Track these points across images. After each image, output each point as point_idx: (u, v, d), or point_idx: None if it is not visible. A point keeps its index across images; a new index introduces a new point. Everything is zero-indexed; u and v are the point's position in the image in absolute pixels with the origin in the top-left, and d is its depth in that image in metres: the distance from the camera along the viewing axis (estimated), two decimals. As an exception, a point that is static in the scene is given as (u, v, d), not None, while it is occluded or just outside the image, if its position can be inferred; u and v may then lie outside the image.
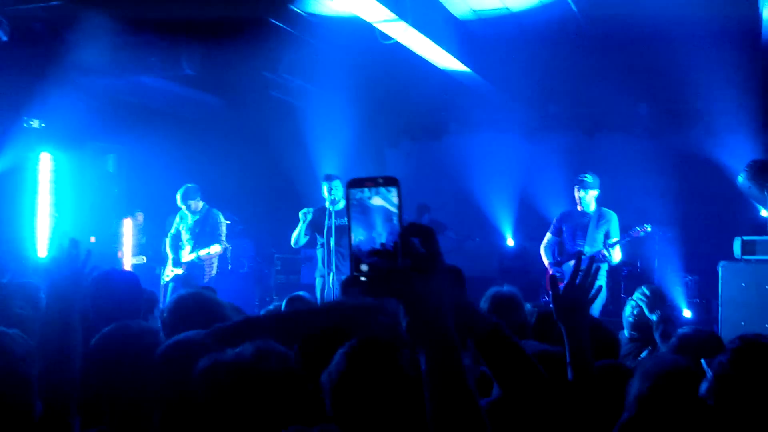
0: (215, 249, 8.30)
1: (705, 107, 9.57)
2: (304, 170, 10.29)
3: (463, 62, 8.84)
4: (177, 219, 8.56)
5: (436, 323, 1.41)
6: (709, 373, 2.17)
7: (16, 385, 2.18)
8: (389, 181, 1.44)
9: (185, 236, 8.40)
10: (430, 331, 1.41)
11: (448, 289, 1.44)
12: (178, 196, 8.34)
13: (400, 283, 1.39)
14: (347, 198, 1.44)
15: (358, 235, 1.43)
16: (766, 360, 2.14)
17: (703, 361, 2.23)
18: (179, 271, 8.36)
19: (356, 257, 1.42)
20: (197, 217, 8.41)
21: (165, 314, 3.21)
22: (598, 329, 3.72)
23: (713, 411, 1.95)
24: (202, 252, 8.23)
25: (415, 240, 1.41)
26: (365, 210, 1.44)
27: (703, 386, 2.22)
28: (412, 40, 7.89)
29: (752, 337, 2.24)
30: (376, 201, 1.44)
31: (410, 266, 1.39)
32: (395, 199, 1.43)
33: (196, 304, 3.09)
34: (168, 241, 8.56)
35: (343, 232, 7.69)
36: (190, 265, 8.33)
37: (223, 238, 8.45)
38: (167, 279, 8.41)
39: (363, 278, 1.42)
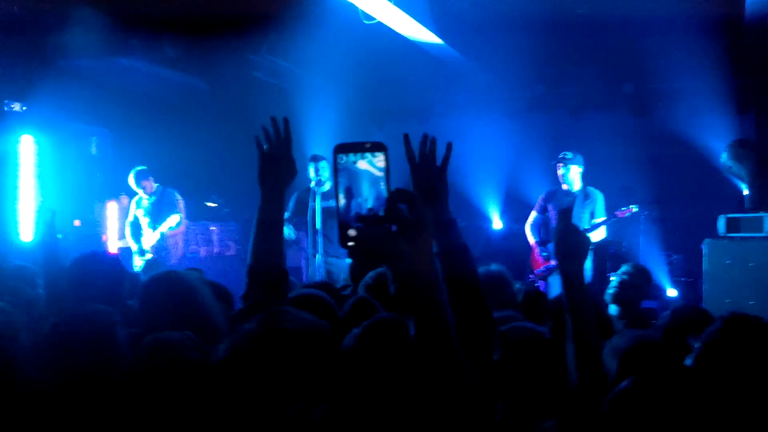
0: (174, 219, 8.19)
1: (688, 87, 9.60)
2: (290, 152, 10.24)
3: (447, 43, 8.81)
4: (132, 206, 8.48)
5: (425, 288, 1.40)
6: (695, 346, 2.19)
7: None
8: (376, 146, 1.42)
9: (144, 221, 8.34)
10: (418, 297, 1.40)
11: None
12: (132, 180, 8.29)
13: (387, 248, 1.37)
14: (334, 162, 1.42)
15: (344, 200, 1.41)
16: (754, 331, 2.17)
17: (688, 337, 2.25)
18: (142, 261, 8.22)
19: (343, 223, 1.40)
20: (153, 198, 8.36)
21: (137, 299, 3.21)
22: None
23: (696, 377, 1.96)
24: (164, 227, 8.13)
25: (402, 206, 1.39)
26: (352, 175, 1.42)
27: (688, 361, 2.24)
28: (395, 20, 7.85)
29: (741, 312, 2.27)
30: (362, 165, 1.42)
31: (396, 231, 1.37)
32: (382, 164, 1.41)
33: (168, 288, 3.05)
34: (128, 230, 8.46)
35: (330, 214, 7.66)
36: (156, 249, 8.24)
37: (182, 215, 8.37)
38: (137, 268, 8.28)
39: (350, 243, 1.39)
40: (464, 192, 10.76)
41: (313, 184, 7.79)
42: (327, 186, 7.72)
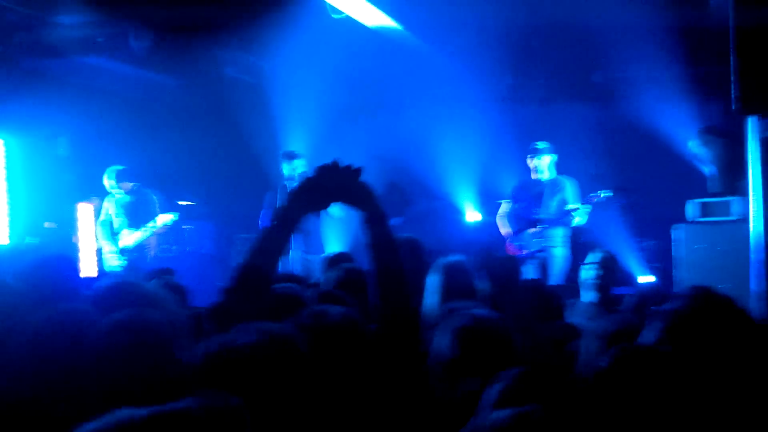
0: (164, 218, 8.16)
1: (656, 75, 9.69)
2: (262, 148, 10.20)
3: (416, 35, 8.84)
4: (105, 204, 8.39)
5: None
6: (653, 322, 2.23)
7: None
8: None
9: (117, 221, 8.25)
10: None
11: None
12: (112, 180, 8.21)
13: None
14: None
15: None
16: (718, 301, 2.21)
17: (647, 311, 2.29)
18: (121, 261, 8.14)
19: None
20: (129, 198, 8.29)
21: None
22: (539, 289, 3.83)
23: (670, 356, 2.00)
24: (159, 220, 8.07)
25: None
26: None
27: (647, 335, 2.27)
28: (363, 13, 7.85)
29: (703, 286, 2.32)
30: None
31: None
32: None
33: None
34: (101, 230, 8.36)
35: None
36: (138, 248, 8.17)
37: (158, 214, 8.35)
38: (113, 267, 8.18)
39: None
40: (437, 184, 10.79)
41: (286, 181, 7.81)
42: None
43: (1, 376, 2.47)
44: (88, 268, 8.69)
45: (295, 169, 7.82)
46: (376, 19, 8.10)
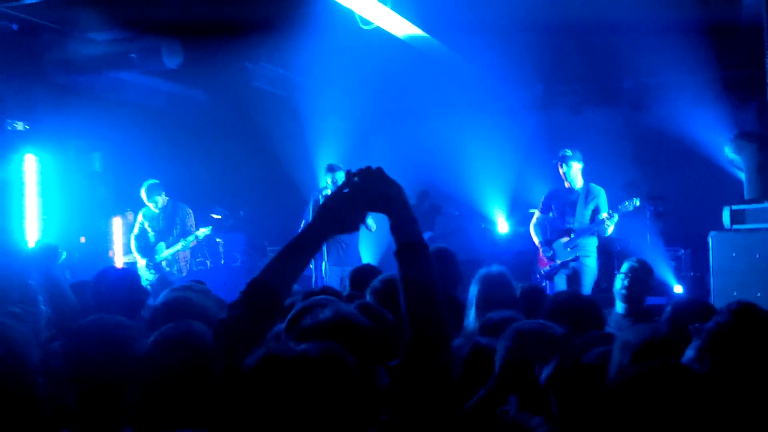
0: (201, 231, 8.25)
1: (688, 80, 9.57)
2: (292, 160, 10.26)
3: (445, 45, 8.81)
4: (140, 218, 8.46)
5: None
6: (696, 339, 2.18)
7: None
8: None
9: (151, 234, 8.32)
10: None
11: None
12: (144, 194, 8.29)
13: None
14: None
15: None
16: (761, 322, 2.15)
17: (690, 327, 2.24)
18: (151, 275, 8.22)
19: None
20: (165, 212, 8.35)
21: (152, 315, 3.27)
22: (579, 300, 3.77)
23: (702, 377, 1.95)
24: (189, 238, 8.15)
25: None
26: None
27: (689, 353, 2.22)
28: (392, 24, 7.85)
29: (746, 303, 2.25)
30: None
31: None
32: None
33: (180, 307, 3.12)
34: (134, 242, 8.44)
35: None
36: (169, 263, 8.24)
37: (194, 229, 8.41)
38: (145, 282, 8.23)
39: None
40: (467, 194, 10.74)
41: (329, 191, 7.87)
42: None
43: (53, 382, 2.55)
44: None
45: (336, 182, 7.93)
46: (406, 29, 8.09)
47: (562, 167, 7.60)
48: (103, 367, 2.53)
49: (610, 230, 7.39)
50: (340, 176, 7.92)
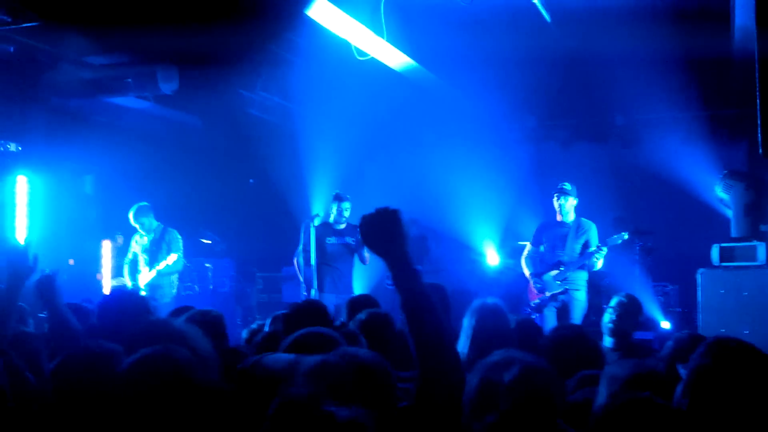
0: (172, 258, 8.17)
1: (678, 117, 9.67)
2: (285, 187, 10.27)
3: (439, 77, 8.90)
4: (132, 244, 8.44)
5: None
6: (683, 375, 2.19)
7: None
8: None
9: (141, 258, 8.29)
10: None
11: None
12: (131, 217, 8.27)
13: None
14: None
15: None
16: (741, 354, 2.16)
17: (678, 365, 2.25)
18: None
19: None
20: (152, 236, 8.33)
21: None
22: (581, 339, 3.76)
23: (685, 413, 1.96)
24: (161, 265, 8.10)
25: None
26: None
27: (678, 389, 2.23)
28: (388, 55, 7.93)
29: (727, 337, 2.27)
30: None
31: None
32: None
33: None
34: (126, 267, 8.41)
35: (345, 250, 7.86)
36: (150, 287, 8.19)
37: (181, 254, 8.35)
38: None
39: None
40: (457, 225, 10.76)
41: (331, 219, 8.00)
42: (344, 224, 7.93)
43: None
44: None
45: (341, 212, 8.01)
46: (400, 60, 8.17)
47: (559, 199, 7.63)
48: (88, 396, 2.53)
49: (599, 264, 7.41)
50: (346, 206, 8.03)
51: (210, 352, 2.83)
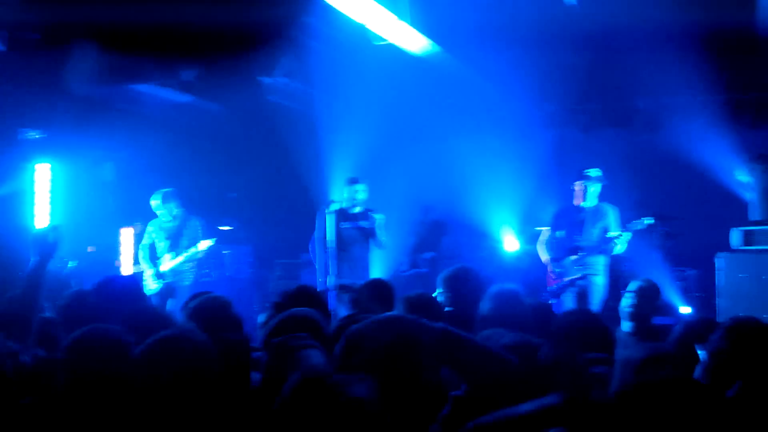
0: (205, 243, 8.16)
1: (702, 101, 9.55)
2: (305, 173, 10.28)
3: (459, 60, 8.85)
4: (150, 228, 8.42)
5: None
6: (702, 356, 2.18)
7: None
8: None
9: (161, 245, 8.30)
10: None
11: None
12: (158, 201, 8.25)
13: None
14: None
15: None
16: (759, 334, 2.15)
17: (696, 346, 2.24)
18: (157, 284, 8.19)
19: None
20: (176, 222, 8.33)
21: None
22: (591, 322, 3.74)
23: (707, 389, 1.94)
24: (192, 250, 8.12)
25: None
26: None
27: (697, 371, 2.22)
28: (405, 39, 7.89)
29: (744, 317, 2.25)
30: None
31: None
32: None
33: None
34: (142, 253, 8.43)
35: (361, 234, 7.80)
36: (174, 272, 8.24)
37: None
38: (152, 290, 8.16)
39: None
40: (476, 210, 10.72)
41: (344, 204, 7.89)
42: (359, 208, 7.85)
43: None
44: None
45: (357, 195, 7.93)
46: (419, 44, 8.13)
47: (582, 185, 7.56)
48: (100, 379, 2.55)
49: (618, 248, 7.36)
50: (359, 188, 7.95)
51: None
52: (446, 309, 4.18)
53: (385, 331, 2.09)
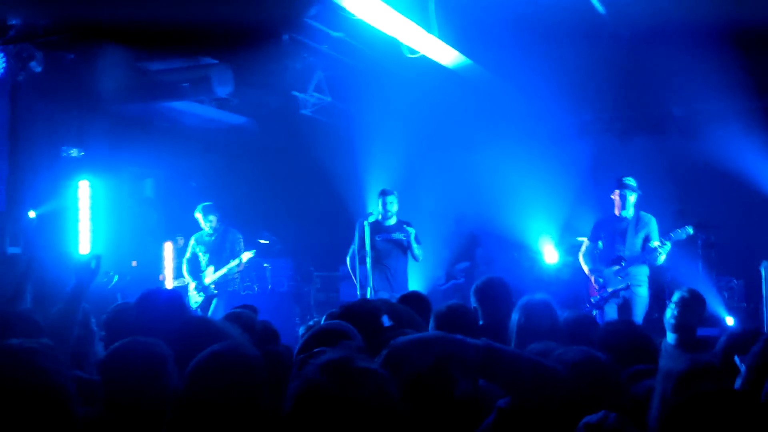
0: (247, 255, 8.33)
1: (739, 107, 9.39)
2: (341, 187, 10.33)
3: (491, 72, 8.82)
4: (192, 242, 8.58)
5: None
6: (743, 368, 2.13)
7: (54, 397, 2.21)
8: None
9: (203, 258, 8.43)
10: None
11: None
12: (200, 214, 8.41)
13: None
14: None
15: None
16: None
17: (736, 357, 2.19)
18: (201, 297, 8.32)
19: None
20: (215, 236, 8.46)
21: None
22: (634, 332, 3.68)
23: (748, 400, 1.90)
24: (234, 262, 8.25)
25: None
26: None
27: (737, 382, 2.17)
28: (438, 52, 7.90)
29: None
30: None
31: None
32: None
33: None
34: (185, 266, 8.56)
35: (395, 246, 7.81)
36: (218, 285, 8.33)
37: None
38: (196, 303, 8.34)
39: None
40: (514, 222, 10.63)
41: (379, 217, 7.91)
42: (393, 220, 7.88)
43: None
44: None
45: (388, 206, 7.94)
46: (451, 57, 8.13)
47: (621, 193, 7.48)
48: (137, 390, 2.58)
49: (662, 258, 7.26)
50: (391, 200, 7.96)
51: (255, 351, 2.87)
52: (480, 323, 4.16)
53: (427, 352, 2.07)
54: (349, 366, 1.80)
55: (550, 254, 10.66)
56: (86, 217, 8.68)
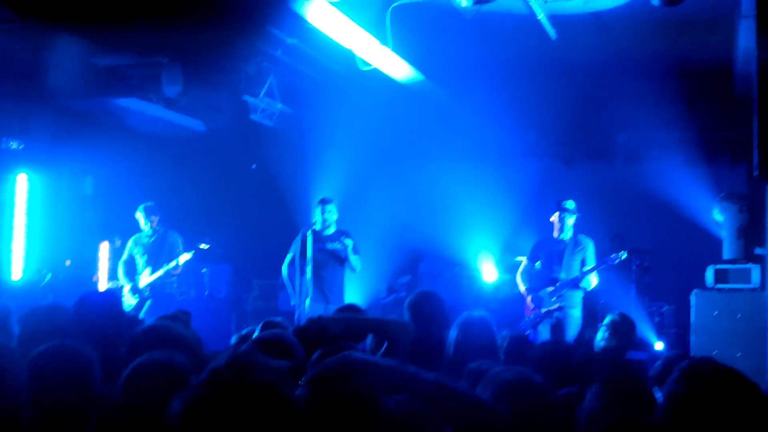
0: (185, 257, 8.15)
1: (682, 137, 9.68)
2: (287, 194, 10.28)
3: (442, 88, 8.92)
4: (129, 243, 8.37)
5: None
6: (659, 398, 2.18)
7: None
8: None
9: (140, 260, 8.25)
10: None
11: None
12: (141, 214, 8.23)
13: None
14: None
15: None
16: (714, 376, 2.15)
17: (655, 388, 2.24)
18: (135, 299, 8.15)
19: None
20: (154, 237, 8.29)
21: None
22: (566, 353, 3.75)
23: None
24: (171, 264, 8.08)
25: None
26: None
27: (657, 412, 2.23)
28: (391, 66, 7.95)
29: (701, 358, 2.26)
30: None
31: None
32: None
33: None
34: (121, 267, 8.38)
35: (333, 257, 7.64)
36: (153, 287, 8.17)
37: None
38: (129, 305, 8.09)
39: None
40: (455, 240, 10.71)
41: (318, 226, 7.72)
42: (332, 229, 7.74)
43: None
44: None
45: (327, 215, 7.76)
46: (404, 71, 8.19)
47: (560, 216, 7.62)
48: (61, 393, 2.54)
49: (593, 283, 7.42)
50: (330, 209, 7.79)
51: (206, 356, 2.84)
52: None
53: (380, 377, 2.05)
54: (241, 378, 1.71)
55: (489, 272, 10.77)
56: (22, 212, 8.47)
